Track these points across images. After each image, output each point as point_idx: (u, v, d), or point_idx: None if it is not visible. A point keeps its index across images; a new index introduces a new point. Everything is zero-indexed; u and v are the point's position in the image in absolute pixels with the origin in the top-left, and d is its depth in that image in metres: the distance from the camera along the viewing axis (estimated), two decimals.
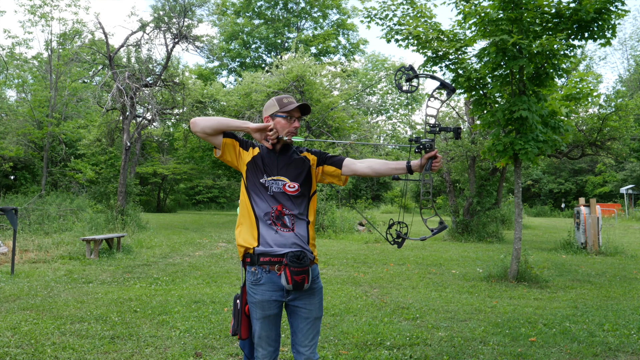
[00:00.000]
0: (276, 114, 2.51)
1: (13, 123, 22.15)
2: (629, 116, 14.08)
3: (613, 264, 9.45)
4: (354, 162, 2.60)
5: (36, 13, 21.46)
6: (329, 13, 38.54)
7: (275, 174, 2.48)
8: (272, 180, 2.46)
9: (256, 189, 2.46)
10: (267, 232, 2.40)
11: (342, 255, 10.28)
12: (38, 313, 5.09)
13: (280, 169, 2.49)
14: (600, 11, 6.56)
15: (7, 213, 7.67)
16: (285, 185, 2.46)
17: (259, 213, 2.43)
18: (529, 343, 4.34)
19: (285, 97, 2.55)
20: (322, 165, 2.61)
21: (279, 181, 2.47)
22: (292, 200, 2.45)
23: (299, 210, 2.46)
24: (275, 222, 2.41)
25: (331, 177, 2.61)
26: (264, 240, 2.40)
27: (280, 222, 2.41)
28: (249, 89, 19.01)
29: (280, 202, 2.43)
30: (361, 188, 36.04)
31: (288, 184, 2.47)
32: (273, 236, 2.39)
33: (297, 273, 2.31)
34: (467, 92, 7.75)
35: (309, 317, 2.45)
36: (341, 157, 2.63)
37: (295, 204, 2.46)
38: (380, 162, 2.55)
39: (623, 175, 30.26)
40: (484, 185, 14.71)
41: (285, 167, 2.50)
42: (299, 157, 2.57)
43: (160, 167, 27.84)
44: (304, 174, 2.53)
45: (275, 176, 2.48)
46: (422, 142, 2.44)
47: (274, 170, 2.48)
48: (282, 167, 2.50)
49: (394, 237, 2.57)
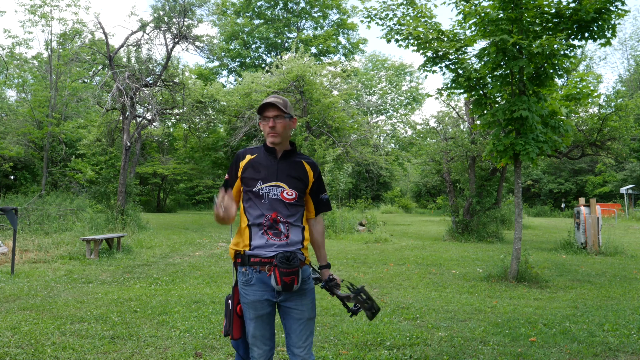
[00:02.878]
0: (260, 120, 2.50)
1: (13, 123, 22.15)
2: (629, 116, 14.08)
3: (613, 264, 9.45)
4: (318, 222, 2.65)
5: (36, 13, 21.45)
6: (329, 13, 38.54)
7: (273, 180, 2.44)
8: (269, 187, 2.42)
9: (250, 196, 2.45)
10: (258, 240, 2.40)
11: (342, 255, 10.28)
12: (38, 313, 5.09)
13: (280, 175, 2.45)
14: (600, 11, 6.56)
15: (7, 213, 7.67)
16: (284, 192, 2.43)
17: (252, 221, 2.42)
18: (529, 343, 4.34)
19: (266, 99, 2.51)
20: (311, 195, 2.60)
21: (277, 187, 2.43)
22: (288, 208, 2.43)
23: (295, 217, 2.45)
24: (267, 231, 2.39)
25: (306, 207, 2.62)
26: (254, 246, 2.41)
27: (274, 230, 2.39)
28: (249, 89, 19.02)
29: (276, 209, 2.40)
30: (361, 188, 36.04)
31: (286, 191, 2.43)
32: (264, 244, 2.39)
33: (286, 274, 2.30)
34: (467, 92, 7.75)
35: (301, 317, 2.44)
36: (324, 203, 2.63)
37: (291, 211, 2.43)
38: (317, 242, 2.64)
39: (623, 175, 30.25)
40: (484, 185, 14.71)
41: (286, 174, 2.46)
42: (302, 167, 2.53)
43: (160, 167, 27.83)
44: (303, 183, 2.50)
45: (274, 182, 2.43)
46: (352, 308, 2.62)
47: (272, 176, 2.44)
48: (282, 173, 2.46)
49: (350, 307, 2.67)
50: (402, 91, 42.85)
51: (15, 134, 21.10)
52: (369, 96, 41.31)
